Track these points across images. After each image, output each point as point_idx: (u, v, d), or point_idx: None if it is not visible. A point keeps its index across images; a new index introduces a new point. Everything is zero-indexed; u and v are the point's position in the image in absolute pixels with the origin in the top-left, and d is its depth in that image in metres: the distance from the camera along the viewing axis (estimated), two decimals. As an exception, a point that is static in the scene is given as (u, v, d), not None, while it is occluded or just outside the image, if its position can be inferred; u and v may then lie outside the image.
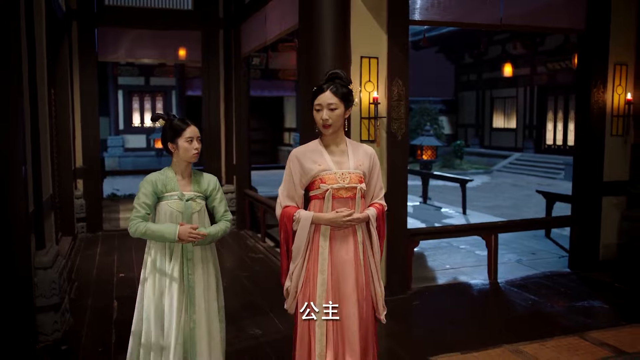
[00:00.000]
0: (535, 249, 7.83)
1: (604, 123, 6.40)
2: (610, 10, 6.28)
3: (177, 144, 3.21)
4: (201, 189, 3.31)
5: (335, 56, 5.16)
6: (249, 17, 8.34)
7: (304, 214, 2.95)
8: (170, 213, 3.20)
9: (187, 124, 3.23)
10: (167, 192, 3.21)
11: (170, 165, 3.30)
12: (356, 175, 2.96)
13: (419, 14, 5.70)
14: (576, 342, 4.48)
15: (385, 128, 5.46)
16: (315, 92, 2.95)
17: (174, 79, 22.13)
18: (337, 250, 2.96)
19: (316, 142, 3.05)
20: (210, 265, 3.35)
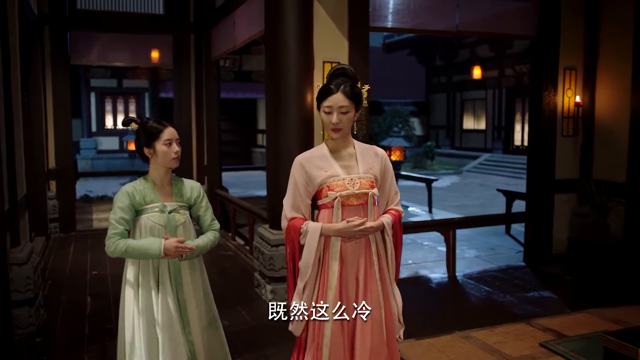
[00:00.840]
0: (495, 245, 8.19)
1: (555, 124, 6.77)
2: (560, 18, 6.65)
3: (154, 148, 2.93)
4: (184, 198, 3.03)
5: (298, 61, 5.44)
6: (219, 22, 8.58)
7: (312, 225, 2.67)
8: (152, 227, 2.91)
9: (163, 125, 2.96)
10: (147, 204, 2.92)
11: (148, 174, 3.02)
12: (367, 180, 2.71)
13: (379, 21, 6.00)
14: (523, 328, 4.82)
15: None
16: (324, 91, 2.69)
17: (147, 81, 22.22)
18: (350, 264, 2.69)
19: (321, 147, 2.80)
20: (199, 278, 3.09)
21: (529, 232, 7.04)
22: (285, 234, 2.75)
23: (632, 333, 3.79)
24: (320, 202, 2.75)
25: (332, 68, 2.77)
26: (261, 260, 5.66)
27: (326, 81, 2.73)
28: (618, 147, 6.52)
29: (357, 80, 2.75)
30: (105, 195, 12.97)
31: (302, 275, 2.71)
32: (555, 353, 4.27)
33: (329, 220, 2.69)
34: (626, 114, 6.41)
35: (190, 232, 3.02)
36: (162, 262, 2.94)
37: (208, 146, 9.67)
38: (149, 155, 2.96)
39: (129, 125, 3.03)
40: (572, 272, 6.42)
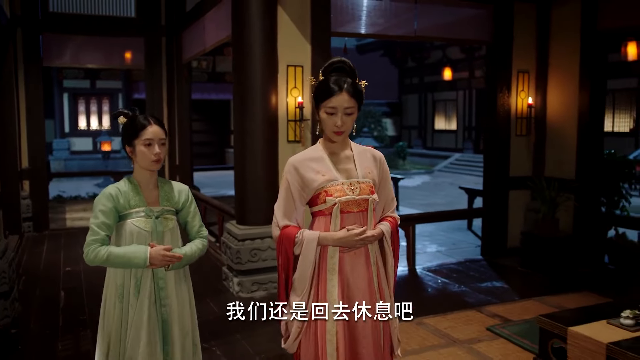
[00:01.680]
0: (457, 240, 8.56)
1: (509, 124, 7.15)
2: (513, 25, 7.03)
3: (134, 148, 2.68)
4: (171, 202, 2.78)
5: (263, 65, 5.74)
6: (189, 26, 8.81)
7: (308, 234, 2.45)
8: (138, 233, 2.66)
9: (148, 122, 2.67)
10: (132, 208, 2.67)
11: (132, 175, 2.75)
12: (366, 185, 2.51)
13: (341, 26, 6.31)
14: (473, 314, 5.17)
15: (309, 129, 6.04)
16: (326, 91, 2.46)
17: (121, 82, 22.26)
18: (349, 276, 2.49)
19: (316, 148, 2.59)
20: (184, 292, 2.81)
21: (485, 227, 7.42)
22: (277, 244, 2.52)
23: (563, 315, 4.15)
24: (315, 208, 2.53)
25: (329, 62, 2.54)
26: (228, 255, 5.93)
27: (322, 77, 2.51)
28: (567, 145, 6.92)
29: (355, 75, 2.52)
30: (78, 196, 13.08)
31: (296, 289, 2.49)
32: (499, 336, 4.62)
33: (326, 229, 2.47)
34: (575, 114, 6.82)
35: (177, 240, 2.79)
36: (145, 272, 2.67)
37: (180, 146, 9.90)
38: (129, 154, 2.72)
39: (118, 117, 2.75)
40: (524, 264, 6.79)
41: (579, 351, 3.72)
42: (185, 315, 2.80)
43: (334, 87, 2.43)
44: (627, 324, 3.74)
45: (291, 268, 2.50)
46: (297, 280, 2.50)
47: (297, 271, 2.49)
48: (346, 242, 2.42)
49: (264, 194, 5.79)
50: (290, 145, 5.98)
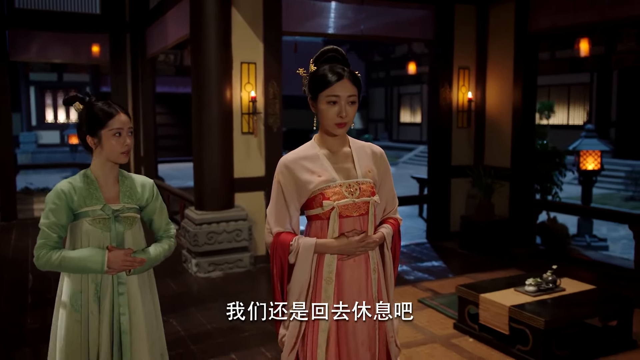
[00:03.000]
0: (407, 226, 9.10)
1: (451, 117, 7.71)
2: (453, 24, 7.58)
3: (99, 138, 2.42)
4: (134, 198, 2.52)
5: (219, 61, 6.19)
6: (153, 23, 9.20)
7: (304, 241, 2.25)
8: (95, 235, 2.41)
9: (114, 110, 2.44)
10: (87, 206, 2.40)
11: (89, 168, 2.50)
12: (367, 186, 2.31)
13: (292, 26, 6.78)
14: (408, 289, 5.72)
15: (262, 122, 6.51)
16: (325, 78, 2.24)
17: (88, 76, 22.39)
18: (347, 285, 2.29)
19: (311, 145, 2.37)
20: (148, 298, 2.57)
21: (430, 213, 7.99)
22: (270, 252, 2.33)
23: (479, 285, 4.71)
24: (311, 212, 2.31)
25: (321, 51, 2.34)
26: (187, 238, 6.39)
27: (314, 67, 2.32)
28: (504, 136, 7.51)
29: (349, 65, 2.32)
30: (46, 187, 13.34)
31: (290, 300, 2.30)
32: (428, 306, 5.17)
33: (323, 234, 2.27)
34: (509, 108, 7.41)
35: (140, 240, 2.54)
36: (105, 277, 2.44)
37: (144, 138, 10.28)
38: (92, 145, 2.45)
39: (72, 104, 2.50)
40: (463, 246, 7.38)
41: (488, 314, 4.29)
42: (150, 324, 2.54)
43: (334, 74, 2.23)
44: (529, 291, 4.32)
45: (286, 277, 2.30)
46: (291, 291, 2.30)
47: (292, 280, 2.29)
48: (346, 249, 2.24)
49: (219, 181, 6.27)
50: (244, 136, 6.44)
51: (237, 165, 6.41)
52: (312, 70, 2.32)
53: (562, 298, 4.24)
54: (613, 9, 6.27)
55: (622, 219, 7.11)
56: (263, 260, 6.52)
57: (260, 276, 6.26)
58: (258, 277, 6.24)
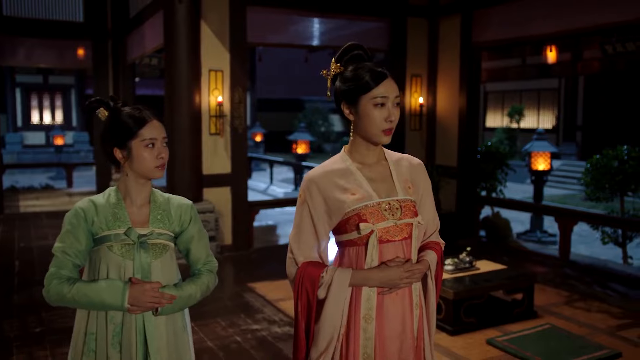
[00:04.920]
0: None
1: (404, 120, 8.42)
2: (406, 35, 8.31)
3: (129, 150, 2.03)
4: (167, 222, 2.12)
5: (189, 69, 6.87)
6: (132, 31, 9.86)
7: (338, 273, 1.92)
8: (116, 264, 2.01)
9: (146, 116, 2.06)
10: (110, 230, 2.02)
11: (117, 185, 2.13)
12: (409, 204, 2.00)
13: (256, 37, 7.48)
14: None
15: (228, 124, 7.20)
16: (368, 78, 1.92)
17: (74, 78, 22.96)
18: (388, 322, 1.96)
19: (340, 158, 2.05)
20: (184, 344, 2.16)
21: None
22: (294, 285, 1.98)
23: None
24: (344, 237, 1.99)
25: (345, 48, 2.01)
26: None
27: (339, 67, 2.00)
28: (451, 138, 8.25)
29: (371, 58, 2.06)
30: (31, 186, 13.96)
31: (319, 343, 1.96)
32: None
33: (360, 264, 1.94)
34: (456, 113, 8.15)
35: (171, 273, 2.11)
36: (128, 316, 2.00)
37: (125, 139, 10.91)
38: (120, 159, 2.06)
39: (96, 110, 2.14)
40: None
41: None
42: None
43: (379, 73, 1.92)
44: (448, 269, 5.03)
45: (313, 316, 1.96)
46: (320, 332, 1.96)
47: (320, 320, 1.95)
48: (389, 281, 1.90)
49: (189, 177, 6.95)
50: (212, 137, 7.13)
51: (205, 162, 7.09)
52: (341, 71, 2.00)
53: (475, 275, 4.96)
54: (547, 24, 7.00)
55: (550, 213, 7.84)
56: (228, 249, 7.21)
57: (226, 263, 6.91)
58: (224, 264, 6.89)
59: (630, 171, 6.84)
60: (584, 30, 6.76)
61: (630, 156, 6.98)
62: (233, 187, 7.28)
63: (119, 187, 2.13)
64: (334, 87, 2.02)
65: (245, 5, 7.17)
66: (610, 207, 8.29)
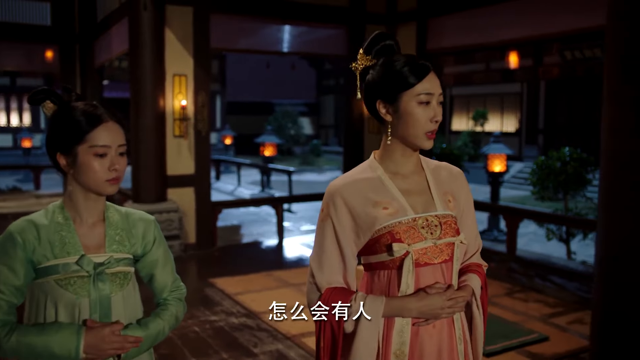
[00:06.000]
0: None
1: (363, 123, 8.79)
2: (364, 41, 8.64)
3: (74, 157, 1.63)
4: (127, 243, 1.74)
5: (153, 73, 7.13)
6: (100, 36, 10.06)
7: (369, 302, 1.62)
8: (68, 303, 1.62)
9: (101, 116, 1.64)
10: (57, 259, 1.62)
11: (61, 200, 1.72)
12: (449, 221, 1.72)
13: (220, 42, 7.76)
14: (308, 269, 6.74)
15: (192, 127, 7.47)
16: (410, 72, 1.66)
17: (42, 80, 22.86)
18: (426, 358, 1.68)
19: (370, 166, 1.77)
20: None
21: (345, 207, 9.06)
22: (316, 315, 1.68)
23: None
24: (373, 259, 1.70)
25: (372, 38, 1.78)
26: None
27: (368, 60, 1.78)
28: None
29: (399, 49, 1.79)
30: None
31: None
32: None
33: (392, 291, 1.65)
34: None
35: (135, 308, 1.76)
36: None
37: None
38: (64, 167, 1.67)
39: (40, 103, 1.71)
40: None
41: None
42: None
43: (422, 66, 1.67)
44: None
45: (339, 353, 1.66)
46: None
47: (351, 357, 1.65)
48: (428, 311, 1.62)
49: (153, 177, 7.19)
50: (176, 139, 7.39)
51: (169, 164, 7.35)
52: (373, 64, 1.76)
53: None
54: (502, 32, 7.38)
55: (499, 211, 8.26)
56: (192, 248, 7.48)
57: (189, 261, 7.17)
58: (188, 262, 7.14)
59: (571, 171, 7.28)
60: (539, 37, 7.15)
61: (572, 157, 7.42)
62: (197, 187, 7.55)
63: (64, 202, 1.71)
64: (365, 82, 1.77)
65: (209, 12, 7.45)
66: (558, 205, 8.75)
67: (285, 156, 25.51)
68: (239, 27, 7.98)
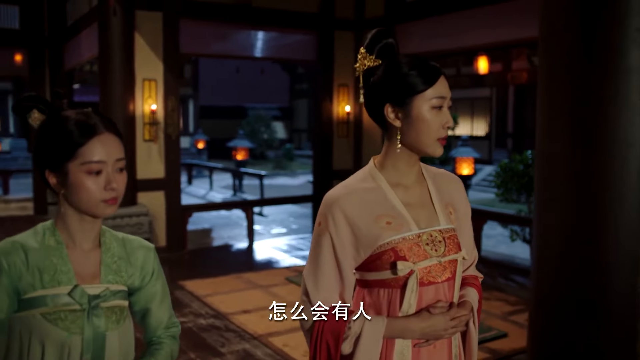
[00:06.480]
0: (302, 224, 10.29)
1: (332, 128, 8.92)
2: (334, 47, 8.81)
3: (65, 175, 1.42)
4: (126, 273, 1.54)
5: (123, 78, 7.18)
6: (70, 40, 10.05)
7: (369, 323, 1.52)
8: (57, 342, 1.39)
9: (95, 127, 1.42)
10: (46, 289, 1.40)
11: (51, 221, 1.49)
12: (453, 236, 1.62)
13: (190, 47, 7.83)
14: (281, 271, 6.86)
15: (162, 131, 7.53)
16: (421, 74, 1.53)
17: (11, 84, 22.66)
18: None
19: (370, 175, 1.63)
20: None
21: (314, 210, 9.17)
22: (311, 338, 1.57)
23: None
24: (373, 276, 1.59)
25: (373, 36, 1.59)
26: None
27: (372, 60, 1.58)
28: (377, 144, 8.77)
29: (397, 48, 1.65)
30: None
31: None
32: (292, 282, 6.30)
33: (393, 311, 1.56)
34: (381, 120, 8.67)
35: (129, 346, 1.54)
36: None
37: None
38: (54, 186, 1.45)
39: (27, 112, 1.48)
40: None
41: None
42: None
43: (433, 67, 1.55)
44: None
45: None
46: None
47: None
48: (432, 332, 1.54)
49: (123, 182, 7.22)
50: (146, 143, 7.44)
51: (139, 168, 7.39)
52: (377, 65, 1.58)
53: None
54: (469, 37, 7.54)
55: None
56: (162, 251, 7.49)
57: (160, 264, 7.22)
58: (158, 265, 7.21)
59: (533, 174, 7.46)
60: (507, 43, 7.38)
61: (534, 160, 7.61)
62: (167, 191, 7.60)
63: (56, 223, 1.48)
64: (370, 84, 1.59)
65: (178, 18, 7.52)
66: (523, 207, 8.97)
67: (258, 160, 25.54)
68: (210, 32, 8.05)
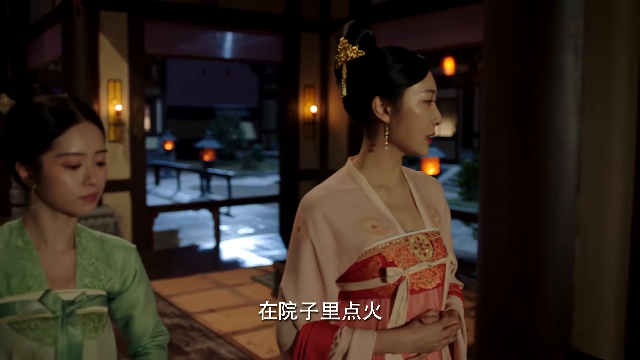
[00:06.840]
0: (269, 225, 10.35)
1: (298, 128, 8.99)
2: (300, 48, 8.88)
3: (38, 168, 1.27)
4: (105, 277, 1.39)
5: (87, 79, 7.15)
6: (34, 39, 9.95)
7: (357, 338, 1.37)
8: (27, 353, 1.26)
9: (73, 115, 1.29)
10: (14, 294, 1.26)
11: (21, 219, 1.35)
12: (439, 239, 1.51)
13: (156, 48, 7.84)
14: (247, 271, 6.92)
15: (127, 132, 7.52)
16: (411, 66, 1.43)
17: (-27, 84, 22.24)
18: None
19: (350, 175, 1.55)
20: None
21: (282, 211, 9.25)
22: (292, 355, 1.41)
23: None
24: (360, 286, 1.43)
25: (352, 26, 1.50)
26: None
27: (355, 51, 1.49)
28: (342, 144, 8.88)
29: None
30: None
31: None
32: (258, 282, 6.37)
33: (382, 322, 1.41)
34: (346, 120, 8.78)
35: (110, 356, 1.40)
36: None
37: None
38: (25, 180, 1.30)
39: None
40: (308, 238, 8.67)
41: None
42: None
43: (421, 59, 1.45)
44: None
45: None
46: None
47: None
48: (425, 344, 1.40)
49: (88, 183, 7.20)
50: (111, 144, 7.40)
51: (104, 169, 7.35)
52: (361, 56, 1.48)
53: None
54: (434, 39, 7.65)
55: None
56: (128, 252, 7.51)
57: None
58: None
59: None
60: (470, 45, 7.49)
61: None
62: (132, 192, 7.59)
63: (25, 222, 1.33)
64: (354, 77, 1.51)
65: (143, 18, 7.52)
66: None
67: (227, 161, 25.47)
68: (176, 33, 8.06)
